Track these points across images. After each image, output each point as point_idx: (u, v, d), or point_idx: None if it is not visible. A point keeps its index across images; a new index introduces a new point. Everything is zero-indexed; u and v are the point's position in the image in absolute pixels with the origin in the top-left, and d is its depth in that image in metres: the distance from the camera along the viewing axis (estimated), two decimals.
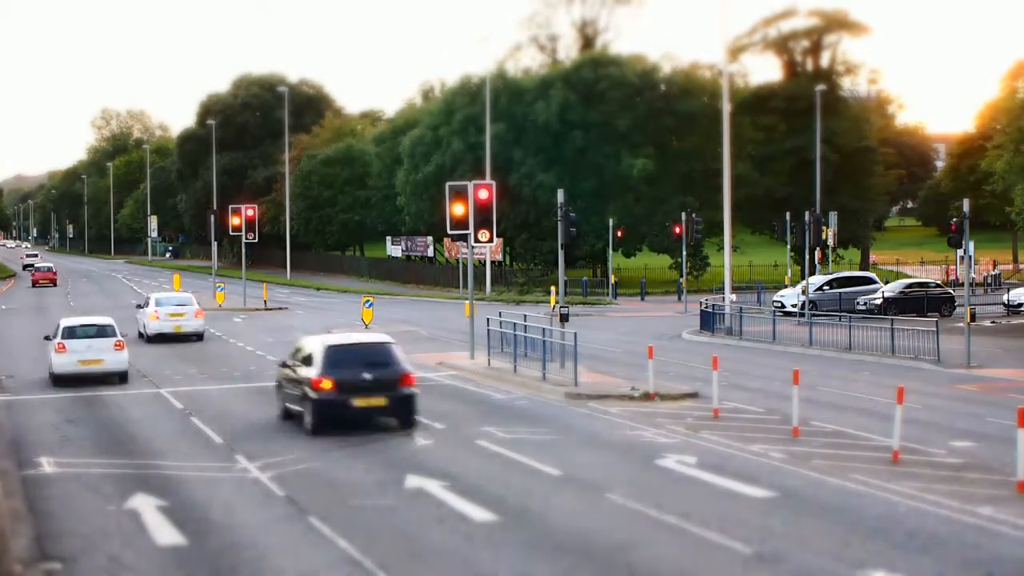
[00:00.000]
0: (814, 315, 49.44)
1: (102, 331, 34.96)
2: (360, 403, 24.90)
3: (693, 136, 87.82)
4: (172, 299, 49.89)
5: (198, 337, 47.69)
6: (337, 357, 25.07)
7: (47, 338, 36.19)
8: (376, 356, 25.47)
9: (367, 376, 24.85)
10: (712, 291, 67.91)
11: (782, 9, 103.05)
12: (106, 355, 34.37)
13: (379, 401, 25.05)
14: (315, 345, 25.81)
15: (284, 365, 27.29)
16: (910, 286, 61.07)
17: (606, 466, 21.73)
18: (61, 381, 33.99)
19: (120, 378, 34.53)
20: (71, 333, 34.63)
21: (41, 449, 24.35)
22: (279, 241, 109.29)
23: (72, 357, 34.06)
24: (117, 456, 23.24)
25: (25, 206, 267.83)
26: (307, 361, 25.62)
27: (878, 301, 57.78)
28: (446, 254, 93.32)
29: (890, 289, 60.34)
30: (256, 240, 71.26)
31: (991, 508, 18.20)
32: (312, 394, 24.83)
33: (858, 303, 58.49)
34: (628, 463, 22.03)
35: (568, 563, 15.59)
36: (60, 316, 45.31)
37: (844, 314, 47.85)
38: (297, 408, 25.82)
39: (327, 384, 24.70)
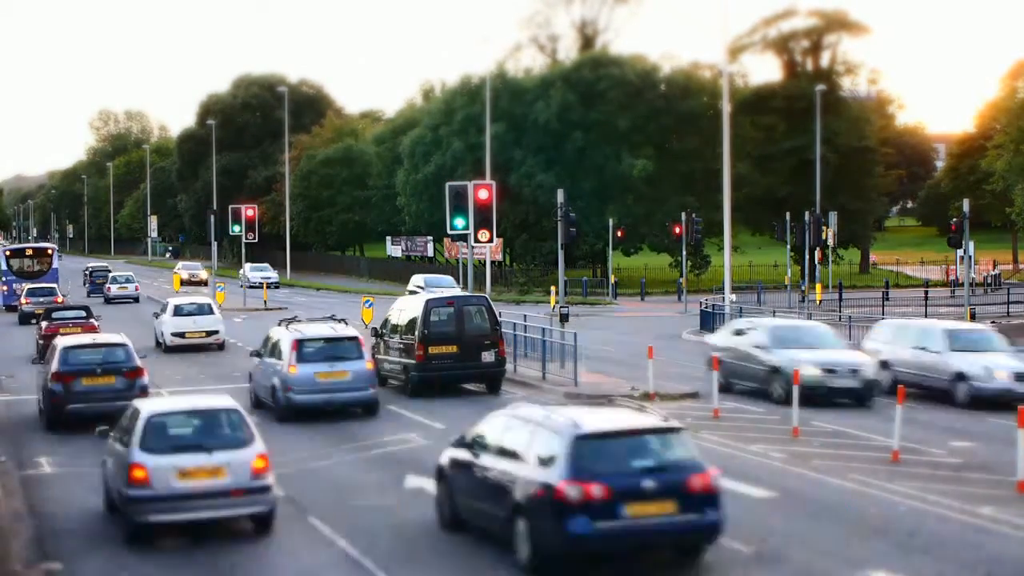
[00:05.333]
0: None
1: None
2: None
3: (693, 136, 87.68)
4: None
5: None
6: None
7: None
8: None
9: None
10: (712, 291, 67.73)
11: (782, 9, 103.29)
12: None
13: None
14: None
15: None
16: None
17: None
18: None
19: None
20: None
21: (41, 449, 24.37)
22: (279, 241, 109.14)
23: None
24: None
25: (25, 206, 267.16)
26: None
27: None
28: (446, 254, 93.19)
29: None
30: (256, 240, 71.24)
31: (991, 508, 18.21)
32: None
33: None
34: None
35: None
36: None
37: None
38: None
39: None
